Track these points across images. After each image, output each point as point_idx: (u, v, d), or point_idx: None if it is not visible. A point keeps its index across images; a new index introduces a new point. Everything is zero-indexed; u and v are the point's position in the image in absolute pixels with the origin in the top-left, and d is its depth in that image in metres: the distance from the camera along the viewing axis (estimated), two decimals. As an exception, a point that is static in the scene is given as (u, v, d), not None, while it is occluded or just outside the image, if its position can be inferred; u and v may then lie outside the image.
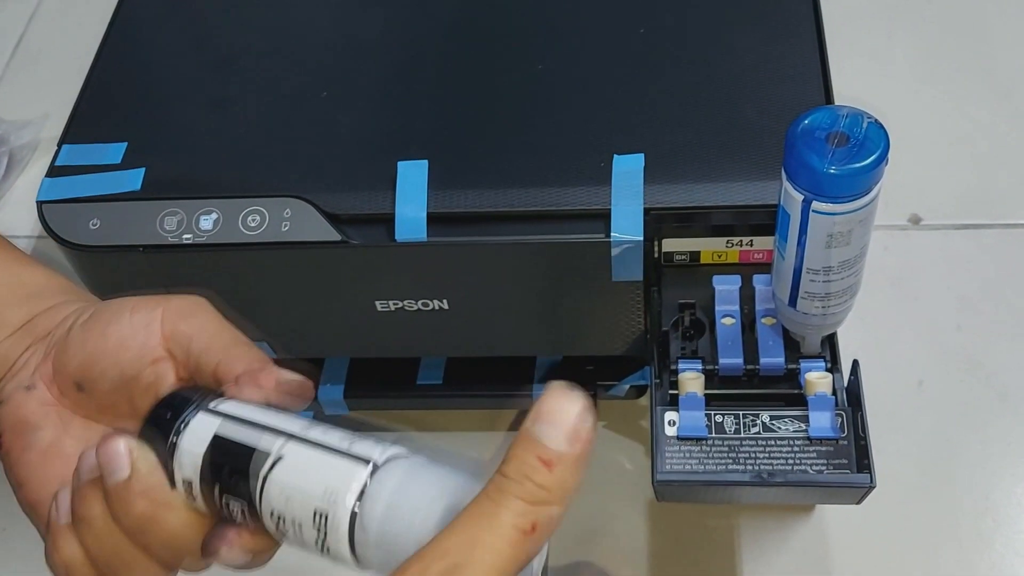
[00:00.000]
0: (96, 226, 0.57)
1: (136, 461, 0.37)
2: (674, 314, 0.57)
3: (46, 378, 0.43)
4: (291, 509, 0.36)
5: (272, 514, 0.37)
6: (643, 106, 0.58)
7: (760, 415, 0.53)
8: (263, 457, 0.37)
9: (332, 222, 0.55)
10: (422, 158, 0.56)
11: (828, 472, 0.52)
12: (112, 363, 0.41)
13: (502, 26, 0.64)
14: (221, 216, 0.56)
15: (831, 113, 0.44)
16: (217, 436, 0.38)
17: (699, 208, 0.54)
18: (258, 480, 0.37)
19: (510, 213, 0.55)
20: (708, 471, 0.52)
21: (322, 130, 0.59)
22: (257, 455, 0.37)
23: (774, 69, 0.59)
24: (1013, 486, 0.66)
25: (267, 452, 0.37)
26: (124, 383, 0.41)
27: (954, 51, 0.88)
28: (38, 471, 0.42)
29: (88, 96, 0.63)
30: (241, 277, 0.58)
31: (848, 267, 0.48)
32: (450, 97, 0.60)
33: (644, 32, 0.62)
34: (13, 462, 0.42)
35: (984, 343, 0.72)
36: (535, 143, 0.57)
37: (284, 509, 0.36)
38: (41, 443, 0.42)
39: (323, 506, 0.35)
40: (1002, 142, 0.82)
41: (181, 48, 0.66)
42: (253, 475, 0.37)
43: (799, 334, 0.54)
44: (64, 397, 0.43)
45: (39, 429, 0.42)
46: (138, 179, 0.58)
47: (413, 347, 0.65)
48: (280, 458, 0.37)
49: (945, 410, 0.69)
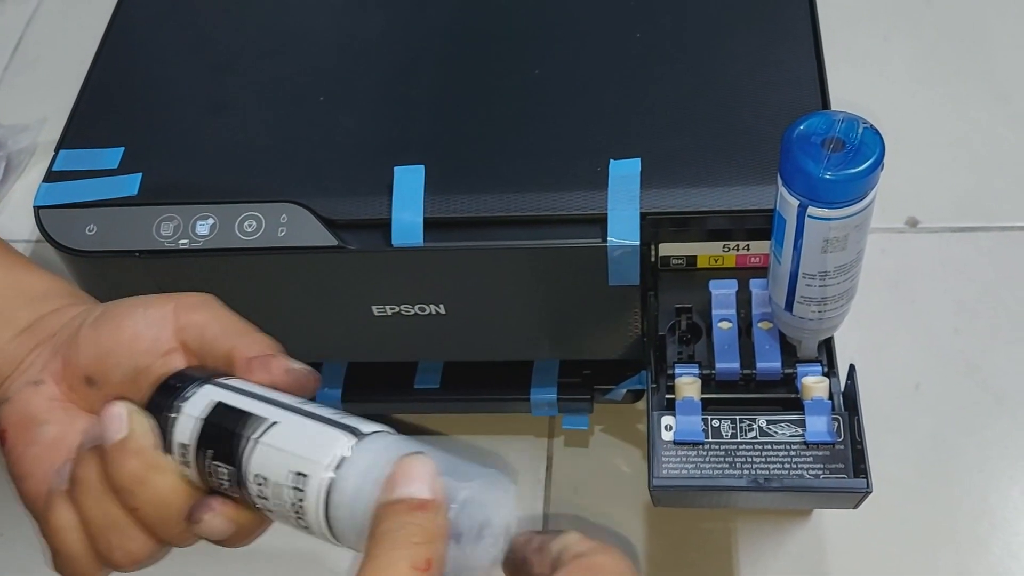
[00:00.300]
0: (93, 231, 0.57)
1: (133, 423, 0.39)
2: (671, 318, 0.57)
3: (55, 374, 0.43)
4: (274, 472, 0.37)
5: (256, 479, 0.37)
6: (640, 110, 0.58)
7: (757, 420, 0.53)
8: (257, 421, 0.38)
9: (328, 227, 0.55)
10: (418, 163, 0.56)
11: (825, 477, 0.52)
12: (126, 355, 0.42)
13: (499, 31, 0.64)
14: (217, 221, 0.56)
15: (826, 118, 0.44)
16: (219, 403, 0.39)
17: (696, 213, 0.54)
18: (248, 443, 0.38)
19: (506, 218, 0.55)
20: (705, 476, 0.52)
21: (318, 135, 0.60)
22: (252, 419, 0.38)
23: (771, 73, 0.59)
24: (1010, 489, 0.66)
25: (262, 418, 0.38)
26: (136, 376, 0.42)
27: (952, 54, 0.88)
28: (42, 465, 0.42)
29: (85, 101, 0.63)
30: (238, 282, 0.58)
31: (844, 272, 0.48)
32: (447, 102, 0.60)
33: (641, 36, 0.62)
34: (18, 456, 0.43)
35: (981, 346, 0.72)
36: (532, 148, 0.57)
37: (267, 473, 0.37)
38: (46, 437, 0.42)
39: (304, 468, 0.36)
40: (999, 145, 0.82)
41: (178, 53, 0.66)
42: (245, 438, 0.38)
43: (796, 338, 0.54)
44: (72, 392, 0.43)
45: (45, 424, 0.42)
46: (135, 184, 0.58)
47: (410, 351, 0.65)
48: (274, 423, 0.38)
49: (942, 413, 0.69)
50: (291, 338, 0.63)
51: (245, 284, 0.58)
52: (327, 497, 0.36)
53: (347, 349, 0.65)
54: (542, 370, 0.67)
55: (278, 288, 0.58)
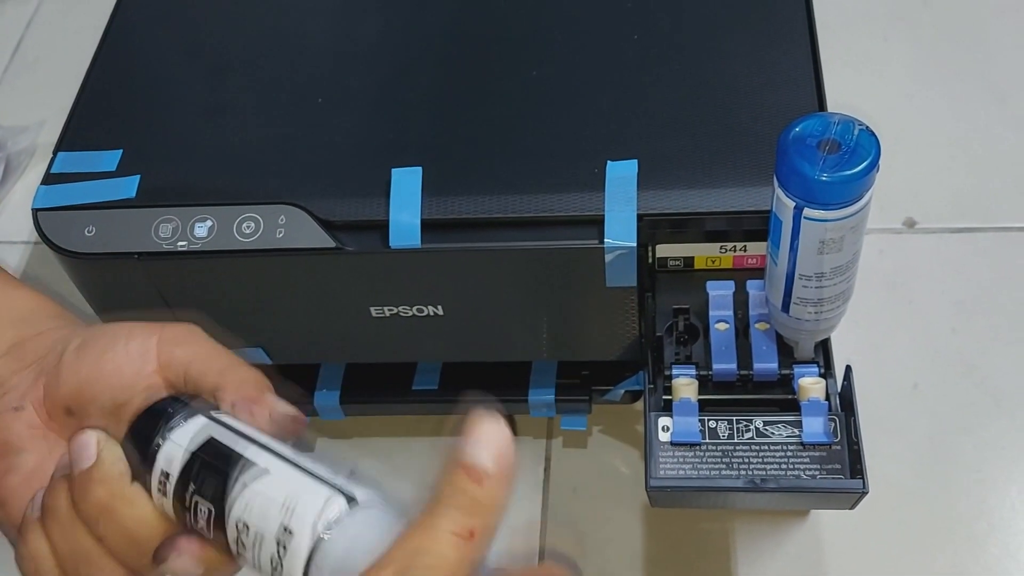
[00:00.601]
0: (91, 233, 0.57)
1: (102, 451, 0.39)
2: (668, 319, 0.57)
3: (35, 401, 0.43)
4: (259, 521, 0.36)
5: (238, 523, 0.37)
6: (637, 112, 0.58)
7: (753, 420, 0.54)
8: (249, 465, 0.37)
9: (327, 229, 0.56)
10: (416, 164, 0.56)
11: (821, 477, 0.52)
12: (106, 388, 0.41)
13: (496, 32, 0.64)
14: (216, 223, 0.56)
15: (822, 120, 0.44)
16: (212, 438, 0.38)
17: (693, 214, 0.54)
18: (236, 486, 0.37)
19: (504, 219, 0.55)
20: (701, 477, 0.52)
21: (316, 137, 0.60)
22: (243, 463, 0.37)
23: (767, 75, 0.59)
24: (1007, 489, 0.66)
25: (253, 463, 0.37)
26: (115, 409, 0.41)
27: (949, 55, 0.88)
28: (21, 492, 0.42)
29: (83, 103, 0.63)
30: (236, 284, 0.58)
31: (840, 273, 0.48)
32: (444, 103, 0.60)
33: (638, 38, 0.62)
34: None
35: (979, 346, 0.72)
36: (529, 149, 0.57)
37: (252, 520, 0.37)
38: (25, 466, 0.42)
39: (292, 524, 0.36)
40: (997, 146, 0.82)
41: (176, 55, 0.66)
42: (233, 480, 0.37)
43: (792, 339, 0.54)
44: (52, 421, 0.43)
45: (23, 452, 0.42)
46: (133, 186, 0.58)
47: (408, 352, 0.65)
48: (266, 470, 0.37)
49: (940, 413, 0.70)
50: (289, 339, 0.63)
51: (243, 286, 0.59)
52: (309, 556, 0.35)
53: (345, 350, 0.65)
54: (540, 371, 0.67)
55: (276, 289, 0.59)
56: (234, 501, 0.37)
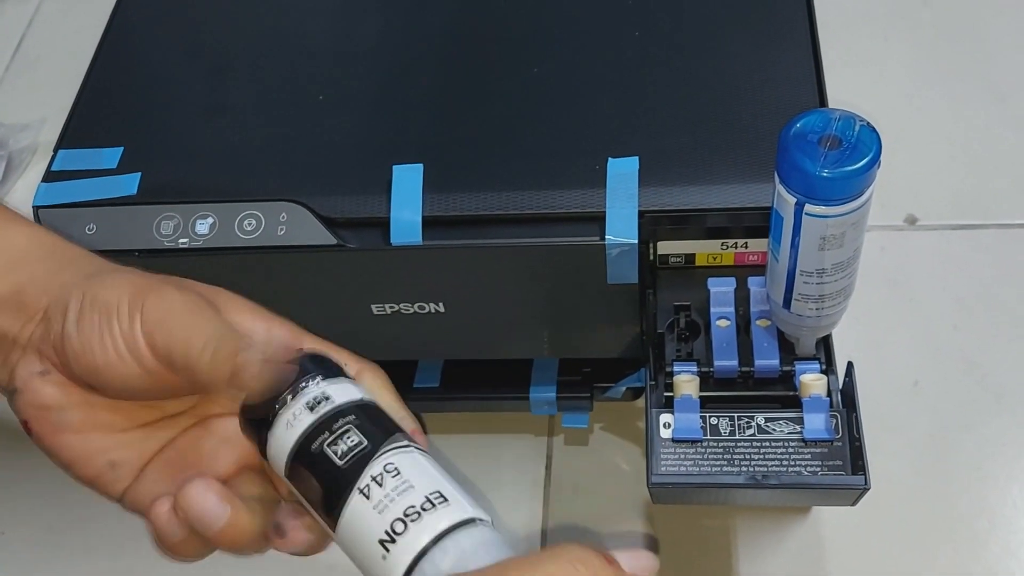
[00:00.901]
0: (92, 231, 0.57)
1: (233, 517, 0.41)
2: (669, 316, 0.57)
3: (56, 366, 0.42)
4: (409, 478, 0.37)
5: (387, 466, 0.38)
6: (638, 109, 0.58)
7: (755, 417, 0.54)
8: (401, 438, 0.39)
9: (328, 226, 0.56)
10: (417, 162, 0.56)
11: (823, 474, 0.52)
12: (110, 377, 0.41)
13: (497, 30, 0.64)
14: (217, 220, 0.56)
15: (823, 116, 0.44)
16: (374, 401, 0.42)
17: (694, 211, 0.54)
18: (381, 453, 0.38)
19: (505, 216, 0.55)
20: (703, 473, 0.52)
21: (317, 134, 0.60)
22: (397, 436, 0.39)
23: (768, 72, 0.59)
24: (1008, 486, 0.66)
25: (405, 442, 0.39)
26: (127, 388, 0.42)
27: (950, 54, 0.88)
28: (81, 448, 0.42)
29: (84, 101, 0.63)
30: (237, 281, 0.58)
31: (841, 269, 0.48)
32: (445, 101, 0.60)
33: (639, 35, 0.62)
34: (50, 446, 0.42)
35: (980, 343, 0.72)
36: (530, 146, 0.57)
37: (402, 474, 0.38)
38: (72, 421, 0.42)
39: (410, 520, 0.37)
40: (998, 144, 0.82)
41: (177, 53, 0.66)
42: (381, 444, 0.38)
43: (794, 336, 0.54)
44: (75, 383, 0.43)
45: (64, 410, 0.42)
46: (134, 184, 0.58)
47: (410, 350, 0.65)
48: (412, 449, 0.39)
49: (941, 410, 0.70)
50: (290, 337, 0.63)
51: (244, 283, 0.58)
52: (419, 555, 0.36)
53: (346, 347, 0.65)
54: (541, 368, 0.67)
55: (277, 287, 0.59)
56: (364, 468, 0.38)
